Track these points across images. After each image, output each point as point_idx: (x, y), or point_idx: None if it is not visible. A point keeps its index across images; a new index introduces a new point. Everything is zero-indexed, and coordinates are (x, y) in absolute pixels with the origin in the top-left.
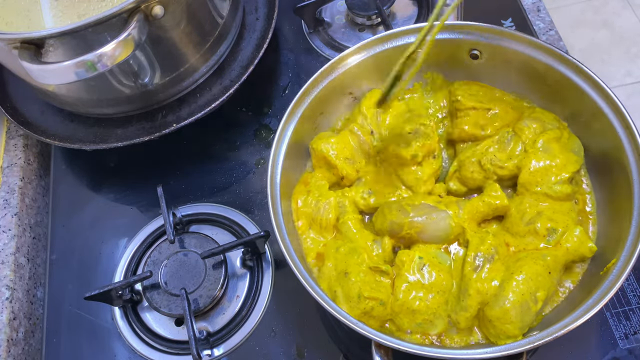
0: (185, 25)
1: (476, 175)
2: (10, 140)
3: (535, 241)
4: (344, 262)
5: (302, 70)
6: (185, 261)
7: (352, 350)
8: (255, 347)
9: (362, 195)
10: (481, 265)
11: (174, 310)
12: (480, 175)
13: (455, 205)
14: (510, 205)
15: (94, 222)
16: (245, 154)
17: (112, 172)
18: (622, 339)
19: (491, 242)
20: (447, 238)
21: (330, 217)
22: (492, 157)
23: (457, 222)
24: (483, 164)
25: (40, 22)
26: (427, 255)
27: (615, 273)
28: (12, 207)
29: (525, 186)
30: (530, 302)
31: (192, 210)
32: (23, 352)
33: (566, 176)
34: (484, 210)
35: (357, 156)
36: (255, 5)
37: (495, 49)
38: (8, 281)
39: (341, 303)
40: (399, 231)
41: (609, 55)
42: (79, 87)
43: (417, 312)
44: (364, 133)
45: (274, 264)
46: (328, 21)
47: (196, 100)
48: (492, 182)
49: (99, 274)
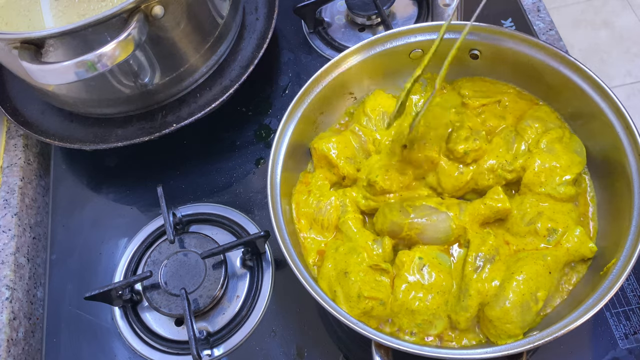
0: (185, 25)
1: (491, 182)
2: (10, 140)
3: (536, 241)
4: (344, 261)
5: (302, 70)
6: (185, 261)
7: (352, 350)
8: (255, 347)
9: (363, 195)
10: (482, 265)
11: (174, 310)
12: (493, 181)
13: (457, 207)
14: (511, 206)
15: (94, 222)
16: (245, 154)
17: (112, 172)
18: (622, 339)
19: (492, 242)
20: (447, 240)
21: (332, 217)
22: (503, 162)
23: (457, 224)
24: (495, 169)
25: (40, 22)
26: (427, 255)
27: (615, 273)
28: (12, 207)
29: (529, 186)
30: (531, 302)
31: (192, 210)
32: (23, 352)
33: (570, 177)
34: (485, 213)
35: (358, 156)
36: (255, 5)
37: (495, 49)
38: (8, 281)
39: (341, 303)
40: (399, 232)
41: (609, 55)
42: (79, 87)
43: (416, 313)
44: (366, 133)
45: (274, 264)
46: (328, 21)
47: (196, 100)
48: (495, 186)
49: (99, 274)
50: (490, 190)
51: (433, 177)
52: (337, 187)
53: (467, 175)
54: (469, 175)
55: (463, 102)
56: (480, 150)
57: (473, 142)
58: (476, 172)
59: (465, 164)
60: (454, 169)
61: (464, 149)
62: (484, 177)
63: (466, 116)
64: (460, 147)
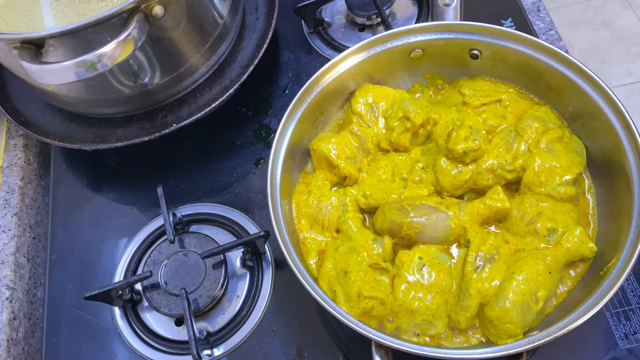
0: (185, 25)
1: (491, 182)
2: (10, 140)
3: (536, 241)
4: (344, 261)
5: (302, 70)
6: (185, 261)
7: (352, 350)
8: (255, 347)
9: (363, 193)
10: (482, 265)
11: (174, 310)
12: (493, 181)
13: (456, 207)
14: (511, 205)
15: (94, 222)
16: (245, 154)
17: (112, 172)
18: (622, 339)
19: (492, 242)
20: (446, 239)
21: (333, 217)
22: (503, 162)
23: (457, 223)
24: (494, 169)
25: (40, 22)
26: (427, 255)
27: (615, 273)
28: (12, 207)
29: (529, 186)
30: (531, 301)
31: (192, 210)
32: (23, 352)
33: (570, 177)
34: (484, 213)
35: (359, 155)
36: (255, 5)
37: (495, 49)
38: (8, 281)
39: (341, 303)
40: (399, 231)
41: (609, 55)
42: (79, 87)
43: (415, 313)
44: (364, 132)
45: (274, 264)
46: (328, 21)
47: (196, 100)
48: (495, 186)
49: (99, 274)
50: (490, 190)
51: (431, 175)
52: (339, 187)
53: (465, 175)
54: (468, 175)
55: (464, 102)
56: (479, 151)
57: (472, 142)
58: (475, 172)
59: (464, 163)
60: (453, 167)
61: (463, 148)
62: (483, 177)
63: (467, 115)
64: (459, 147)
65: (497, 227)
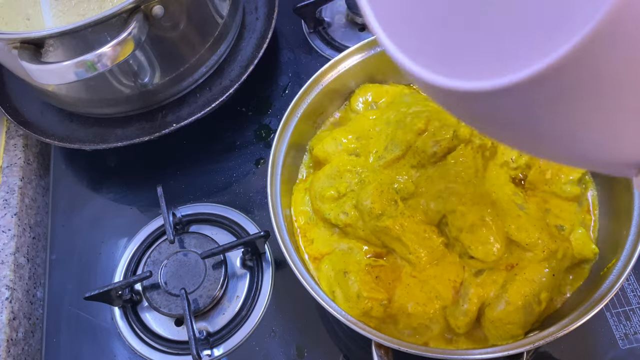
0: (185, 25)
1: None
2: (10, 140)
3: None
4: (343, 261)
5: (302, 70)
6: (185, 261)
7: (352, 350)
8: (255, 347)
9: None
10: (483, 269)
11: (173, 310)
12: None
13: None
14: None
15: (94, 222)
16: (245, 154)
17: (112, 172)
18: (622, 339)
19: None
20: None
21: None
22: (508, 159)
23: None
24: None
25: (40, 22)
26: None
27: (615, 273)
28: (11, 207)
29: (534, 184)
30: (533, 303)
31: (192, 210)
32: (23, 352)
33: (576, 177)
34: None
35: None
36: (255, 5)
37: None
38: (8, 281)
39: (340, 303)
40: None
41: None
42: (78, 87)
43: (412, 316)
44: None
45: (274, 264)
46: (328, 21)
47: (196, 100)
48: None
49: (99, 274)
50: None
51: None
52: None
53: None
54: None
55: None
56: (445, 140)
57: (439, 136)
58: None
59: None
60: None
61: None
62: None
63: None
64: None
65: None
